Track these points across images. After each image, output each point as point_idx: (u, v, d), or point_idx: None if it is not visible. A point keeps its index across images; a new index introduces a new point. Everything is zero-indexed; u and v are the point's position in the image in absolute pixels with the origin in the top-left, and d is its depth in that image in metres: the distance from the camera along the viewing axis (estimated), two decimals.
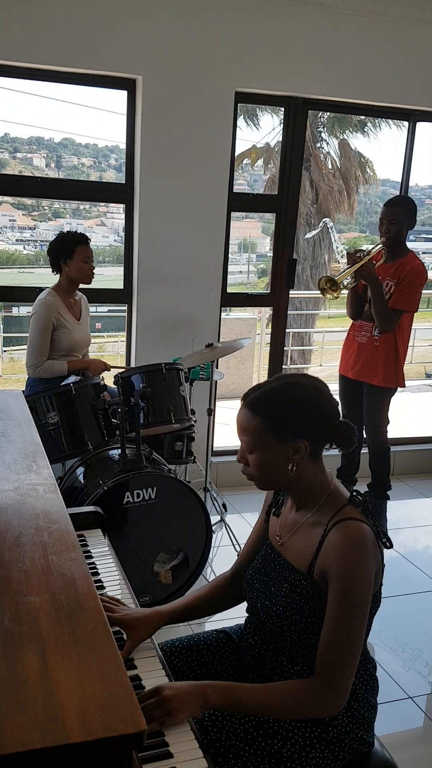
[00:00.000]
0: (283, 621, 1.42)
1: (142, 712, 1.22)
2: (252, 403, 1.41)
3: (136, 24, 3.48)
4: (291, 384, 1.42)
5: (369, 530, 1.37)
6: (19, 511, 1.35)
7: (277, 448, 1.39)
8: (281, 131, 4.18)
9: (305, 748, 1.36)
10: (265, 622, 1.47)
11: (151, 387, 2.87)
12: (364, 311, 3.56)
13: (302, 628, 1.40)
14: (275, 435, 1.38)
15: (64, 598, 1.07)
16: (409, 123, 4.33)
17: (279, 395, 1.40)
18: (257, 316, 7.63)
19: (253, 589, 1.53)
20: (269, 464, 1.41)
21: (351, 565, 1.32)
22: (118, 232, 12.35)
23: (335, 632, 1.32)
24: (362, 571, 1.33)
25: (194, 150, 3.74)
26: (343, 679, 1.32)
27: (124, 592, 1.65)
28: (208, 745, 1.31)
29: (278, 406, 1.39)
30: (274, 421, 1.38)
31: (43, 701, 0.86)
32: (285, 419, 1.38)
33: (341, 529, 1.36)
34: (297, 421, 1.38)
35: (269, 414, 1.39)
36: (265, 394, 1.41)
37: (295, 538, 1.47)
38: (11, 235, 14.73)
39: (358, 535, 1.34)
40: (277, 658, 1.47)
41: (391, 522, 3.80)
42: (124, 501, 2.56)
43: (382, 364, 3.51)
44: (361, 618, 1.33)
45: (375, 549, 1.37)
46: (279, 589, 1.46)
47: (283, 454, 1.39)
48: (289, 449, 1.39)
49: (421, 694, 2.50)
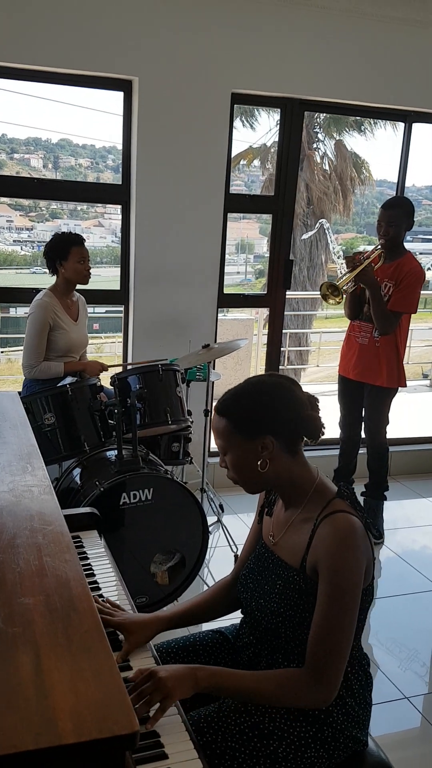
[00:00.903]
0: (277, 618, 1.43)
1: (141, 697, 1.24)
2: (219, 407, 1.47)
3: (133, 25, 3.48)
4: (253, 383, 1.48)
5: (358, 522, 1.38)
6: (13, 512, 1.35)
7: (245, 445, 1.43)
8: (277, 132, 4.18)
9: (300, 747, 1.37)
10: (259, 621, 1.47)
11: (148, 388, 2.87)
12: (363, 312, 3.57)
13: (296, 624, 1.40)
14: (241, 433, 1.43)
15: (59, 600, 1.08)
16: (405, 124, 4.34)
17: (241, 395, 1.46)
18: (254, 316, 7.63)
19: (247, 589, 1.54)
20: (242, 463, 1.45)
21: (341, 557, 1.33)
22: (115, 232, 12.34)
23: (325, 624, 1.33)
24: (352, 563, 1.33)
25: (191, 151, 3.74)
26: (332, 671, 1.33)
27: (120, 593, 1.65)
28: (204, 746, 1.31)
29: (241, 406, 1.44)
30: (238, 420, 1.43)
31: (36, 702, 0.86)
32: (248, 417, 1.43)
33: (330, 522, 1.37)
34: (260, 418, 1.43)
35: (233, 414, 1.44)
36: (230, 396, 1.47)
37: (287, 535, 1.48)
38: (8, 236, 14.72)
39: (347, 528, 1.35)
40: (272, 655, 1.47)
41: (388, 522, 3.81)
42: (121, 502, 2.56)
43: (385, 364, 3.52)
44: (351, 610, 1.34)
45: (365, 541, 1.38)
46: (272, 586, 1.47)
47: (253, 450, 1.43)
48: (257, 446, 1.42)
49: (418, 695, 2.50)
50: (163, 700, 1.25)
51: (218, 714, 1.37)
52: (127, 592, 1.66)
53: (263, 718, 1.38)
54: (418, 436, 4.87)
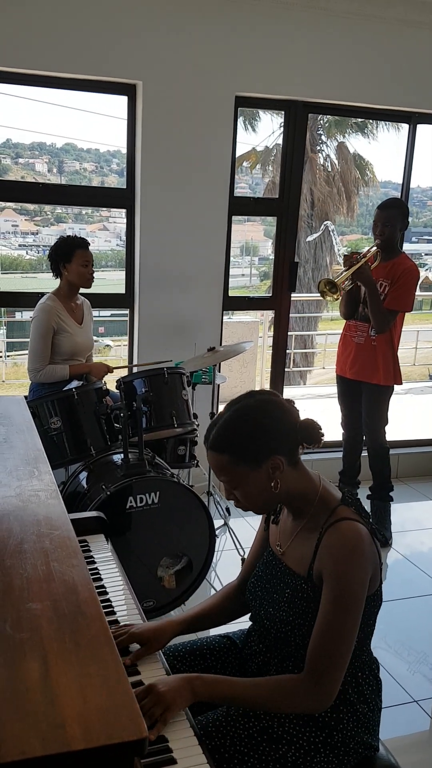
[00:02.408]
0: (286, 626, 1.42)
1: (141, 711, 1.23)
2: (213, 444, 1.41)
3: (136, 29, 3.49)
4: (239, 409, 1.41)
5: (364, 529, 1.37)
6: (20, 517, 1.35)
7: (255, 474, 1.38)
8: (281, 134, 4.18)
9: (310, 752, 1.36)
10: (269, 629, 1.47)
11: (154, 391, 2.87)
12: (359, 311, 3.58)
13: (306, 632, 1.39)
14: (247, 463, 1.38)
15: (66, 605, 1.07)
16: (409, 125, 4.34)
17: (232, 426, 1.40)
18: (260, 319, 7.63)
19: (256, 597, 1.53)
20: (256, 493, 1.41)
21: (345, 565, 1.32)
22: (120, 236, 12.36)
23: (327, 631, 1.32)
24: (356, 570, 1.33)
25: (195, 154, 3.74)
26: (333, 678, 1.32)
27: (127, 597, 1.65)
28: (213, 750, 1.31)
29: (236, 436, 1.38)
30: (239, 452, 1.38)
31: (44, 708, 0.86)
32: (248, 446, 1.38)
33: (336, 530, 1.36)
34: (261, 442, 1.38)
35: (232, 447, 1.38)
36: (220, 429, 1.41)
37: (294, 544, 1.47)
38: (14, 240, 14.77)
39: (353, 535, 1.35)
40: (282, 663, 1.46)
41: (395, 525, 3.79)
42: (127, 506, 2.56)
43: (382, 363, 3.53)
44: (352, 617, 1.33)
45: (371, 547, 1.37)
46: (281, 595, 1.46)
47: (264, 476, 1.39)
48: (266, 470, 1.39)
49: (427, 698, 2.49)
50: (163, 713, 1.25)
51: (227, 718, 1.37)
52: (135, 596, 1.66)
53: (272, 722, 1.37)
54: (424, 438, 4.85)
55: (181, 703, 1.28)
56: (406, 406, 6.27)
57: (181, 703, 1.28)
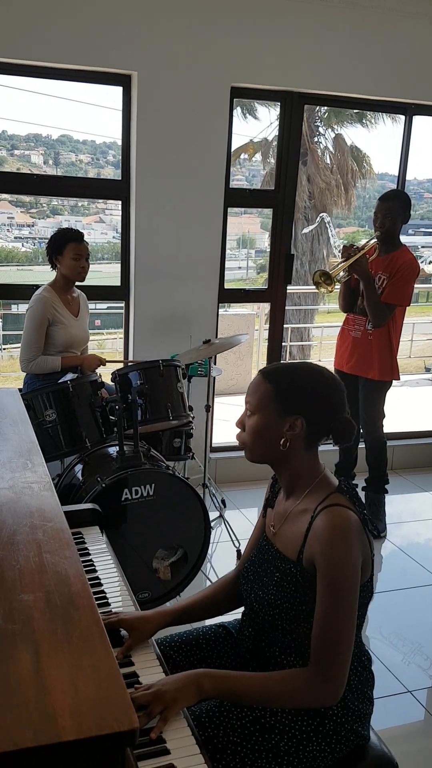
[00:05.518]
0: (274, 610, 1.43)
1: (143, 709, 1.23)
2: (267, 371, 1.47)
3: (131, 20, 3.47)
4: (311, 367, 1.48)
5: (354, 517, 1.37)
6: (13, 509, 1.35)
7: (276, 417, 1.42)
8: (278, 126, 4.16)
9: (302, 741, 1.37)
10: (257, 612, 1.48)
11: (149, 384, 2.87)
12: (357, 305, 3.57)
13: (293, 617, 1.40)
14: (278, 404, 1.42)
15: (58, 597, 1.07)
16: (406, 116, 4.32)
17: (295, 372, 1.45)
18: (256, 311, 7.62)
19: (247, 581, 1.54)
20: (264, 431, 1.44)
21: (335, 550, 1.32)
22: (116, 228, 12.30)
23: (326, 621, 1.33)
24: (347, 556, 1.33)
25: (190, 146, 3.72)
26: (339, 667, 1.32)
27: (122, 589, 1.65)
28: (206, 741, 1.31)
29: (290, 380, 1.43)
30: (281, 390, 1.43)
31: (35, 700, 0.86)
32: (292, 393, 1.42)
33: (326, 514, 1.36)
34: (302, 399, 1.42)
35: (280, 384, 1.43)
36: (284, 367, 1.48)
37: (286, 526, 1.48)
38: (9, 232, 14.70)
39: (342, 521, 1.35)
40: (270, 648, 1.47)
41: (390, 516, 3.80)
42: (123, 498, 2.56)
43: (377, 357, 3.51)
44: (349, 605, 1.33)
45: (361, 536, 1.37)
46: (271, 578, 1.47)
47: (280, 425, 1.42)
48: (286, 423, 1.42)
49: (421, 688, 2.50)
50: (163, 710, 1.24)
51: (220, 709, 1.37)
52: (129, 588, 1.66)
53: (264, 712, 1.38)
54: (420, 429, 4.87)
55: (184, 701, 1.27)
56: (402, 398, 6.28)
57: (184, 700, 1.27)
